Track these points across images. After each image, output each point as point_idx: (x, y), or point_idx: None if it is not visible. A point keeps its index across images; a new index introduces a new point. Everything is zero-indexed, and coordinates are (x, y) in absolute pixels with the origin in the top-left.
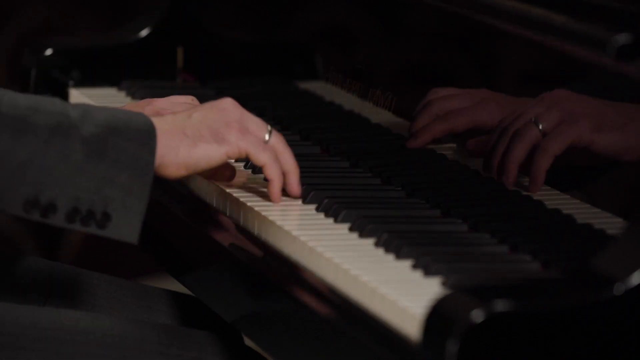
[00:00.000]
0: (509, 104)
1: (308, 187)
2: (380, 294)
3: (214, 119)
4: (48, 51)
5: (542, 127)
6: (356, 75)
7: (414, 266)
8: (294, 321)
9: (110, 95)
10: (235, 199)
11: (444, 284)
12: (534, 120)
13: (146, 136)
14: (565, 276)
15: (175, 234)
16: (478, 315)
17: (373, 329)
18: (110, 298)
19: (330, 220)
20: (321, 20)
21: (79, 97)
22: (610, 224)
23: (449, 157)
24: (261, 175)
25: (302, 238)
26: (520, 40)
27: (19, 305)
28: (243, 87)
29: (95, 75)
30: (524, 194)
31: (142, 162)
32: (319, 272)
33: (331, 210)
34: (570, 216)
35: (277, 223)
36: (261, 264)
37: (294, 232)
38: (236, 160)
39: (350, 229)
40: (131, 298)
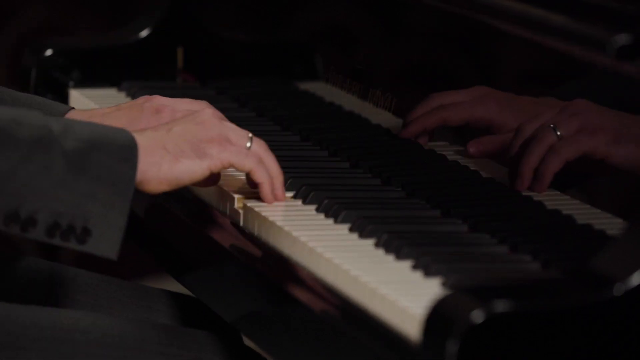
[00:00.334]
0: (508, 102)
1: (308, 188)
2: (380, 294)
3: (194, 133)
4: (48, 51)
5: (560, 134)
6: (356, 75)
7: (414, 266)
8: (294, 321)
9: (110, 96)
10: (236, 200)
11: (444, 284)
12: (552, 126)
13: (127, 152)
14: (565, 276)
15: (175, 234)
16: (478, 316)
17: (373, 330)
18: (110, 298)
19: (330, 220)
20: (321, 20)
21: (79, 98)
22: (610, 224)
23: (449, 158)
24: None
25: (302, 239)
26: (520, 40)
27: (19, 305)
28: (243, 87)
29: (95, 76)
30: (524, 194)
31: (124, 178)
32: (319, 273)
33: (331, 210)
34: (570, 216)
35: (278, 224)
36: (261, 264)
37: (294, 233)
38: None
39: (351, 230)
40: (131, 298)
